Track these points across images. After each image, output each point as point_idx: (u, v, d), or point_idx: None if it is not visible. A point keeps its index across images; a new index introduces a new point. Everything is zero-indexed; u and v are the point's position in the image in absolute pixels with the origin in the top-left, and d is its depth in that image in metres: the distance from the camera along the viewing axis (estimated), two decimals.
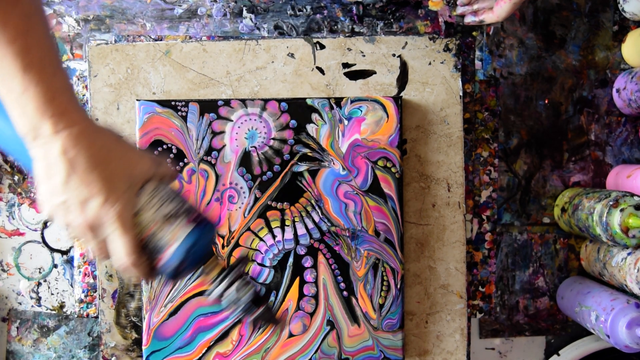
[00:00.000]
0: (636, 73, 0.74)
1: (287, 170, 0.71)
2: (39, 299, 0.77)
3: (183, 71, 0.73)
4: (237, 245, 0.71)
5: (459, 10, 0.74)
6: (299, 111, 0.71)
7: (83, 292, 0.76)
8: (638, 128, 0.79)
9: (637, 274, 0.66)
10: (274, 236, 0.71)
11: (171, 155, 0.70)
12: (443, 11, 0.77)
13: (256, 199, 0.71)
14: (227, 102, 0.71)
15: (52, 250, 0.77)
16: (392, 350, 0.71)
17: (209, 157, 0.70)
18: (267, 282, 0.71)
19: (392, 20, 0.77)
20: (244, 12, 0.77)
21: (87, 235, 0.43)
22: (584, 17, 0.79)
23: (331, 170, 0.71)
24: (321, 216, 0.71)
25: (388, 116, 0.71)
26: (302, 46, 0.74)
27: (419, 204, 0.74)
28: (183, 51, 0.73)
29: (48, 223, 0.77)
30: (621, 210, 0.64)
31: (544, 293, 0.79)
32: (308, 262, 0.71)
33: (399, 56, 0.74)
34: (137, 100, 0.71)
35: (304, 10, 0.77)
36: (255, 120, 0.71)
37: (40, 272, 0.77)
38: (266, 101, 0.71)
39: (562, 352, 0.78)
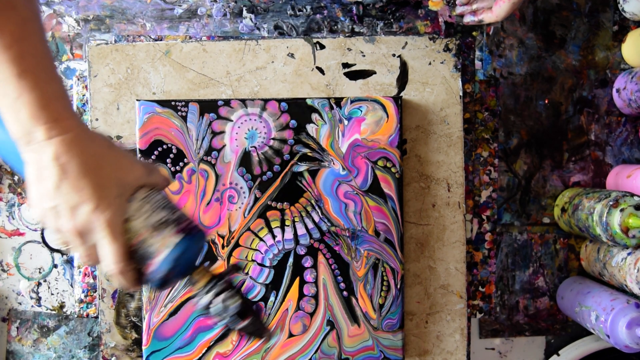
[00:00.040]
0: (636, 73, 0.74)
1: (287, 170, 0.71)
2: (39, 299, 0.77)
3: (183, 71, 0.73)
4: (237, 245, 0.71)
5: (458, 9, 0.74)
6: (299, 111, 0.71)
7: (83, 292, 0.76)
8: (638, 128, 0.79)
9: (637, 274, 0.66)
10: (274, 236, 0.71)
11: (171, 155, 0.70)
12: (443, 11, 0.77)
13: (256, 199, 0.71)
14: (227, 102, 0.71)
15: (52, 250, 0.77)
16: (392, 350, 0.71)
17: (209, 157, 0.70)
18: (267, 282, 0.71)
19: (392, 20, 0.77)
20: (244, 12, 0.77)
21: (77, 240, 0.43)
22: (584, 17, 0.79)
23: (331, 170, 0.71)
24: (321, 216, 0.71)
25: (388, 116, 0.71)
26: (302, 46, 0.74)
27: (419, 204, 0.74)
28: (183, 51, 0.73)
29: None
30: (621, 210, 0.64)
31: (544, 293, 0.79)
32: (308, 262, 0.71)
33: (399, 56, 0.74)
34: (137, 100, 0.71)
35: (304, 10, 0.77)
36: (255, 120, 0.71)
37: (40, 272, 0.77)
38: (266, 101, 0.71)
39: (562, 352, 0.78)
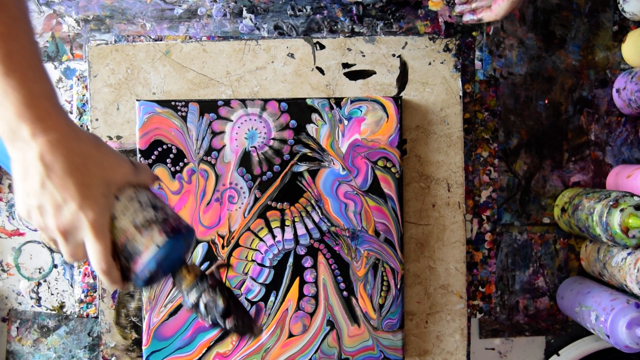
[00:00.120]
0: (636, 73, 0.74)
1: (287, 170, 0.71)
2: (39, 299, 0.77)
3: (183, 71, 0.73)
4: (237, 245, 0.71)
5: (458, 8, 0.74)
6: (299, 111, 0.71)
7: (83, 292, 0.76)
8: (638, 128, 0.79)
9: (637, 274, 0.66)
10: (274, 236, 0.71)
11: (171, 155, 0.70)
12: (443, 11, 0.77)
13: (256, 199, 0.71)
14: (227, 102, 0.71)
15: (52, 250, 0.77)
16: (392, 350, 0.71)
17: (209, 157, 0.70)
18: (267, 282, 0.71)
19: (392, 20, 0.77)
20: (244, 12, 0.77)
21: (61, 239, 0.43)
22: (584, 17, 0.79)
23: (331, 170, 0.71)
24: (321, 216, 0.71)
25: (388, 116, 0.71)
26: (302, 46, 0.74)
27: (419, 204, 0.74)
28: (183, 51, 0.73)
29: None
30: (621, 210, 0.64)
31: (544, 293, 0.79)
32: (308, 262, 0.71)
33: (399, 56, 0.74)
34: (137, 100, 0.71)
35: (304, 10, 0.77)
36: (255, 120, 0.71)
37: (40, 272, 0.77)
38: (266, 101, 0.71)
39: (562, 352, 0.78)
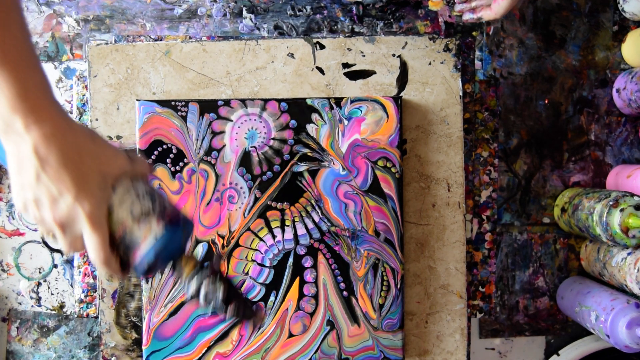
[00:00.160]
0: (636, 73, 0.74)
1: (287, 170, 0.71)
2: (39, 299, 0.77)
3: (183, 71, 0.73)
4: (237, 245, 0.71)
5: (457, 7, 0.73)
6: (299, 111, 0.71)
7: (83, 292, 0.76)
8: (638, 128, 0.79)
9: (637, 274, 0.66)
10: (274, 236, 0.71)
11: (171, 155, 0.70)
12: (443, 11, 0.77)
13: (256, 199, 0.71)
14: (227, 102, 0.71)
15: (52, 250, 0.77)
16: (392, 350, 0.71)
17: (209, 157, 0.70)
18: (267, 282, 0.71)
19: (392, 20, 0.77)
20: (244, 12, 0.77)
21: (59, 231, 0.43)
22: (584, 17, 0.79)
23: (331, 170, 0.71)
24: (321, 216, 0.71)
25: (388, 116, 0.71)
26: (302, 46, 0.74)
27: (419, 204, 0.74)
28: (183, 51, 0.73)
29: None
30: (621, 210, 0.64)
31: (544, 293, 0.79)
32: (308, 262, 0.71)
33: (399, 56, 0.74)
34: (137, 100, 0.71)
35: (304, 10, 0.77)
36: (255, 120, 0.71)
37: (40, 272, 0.77)
38: (266, 101, 0.71)
39: (562, 352, 0.78)
